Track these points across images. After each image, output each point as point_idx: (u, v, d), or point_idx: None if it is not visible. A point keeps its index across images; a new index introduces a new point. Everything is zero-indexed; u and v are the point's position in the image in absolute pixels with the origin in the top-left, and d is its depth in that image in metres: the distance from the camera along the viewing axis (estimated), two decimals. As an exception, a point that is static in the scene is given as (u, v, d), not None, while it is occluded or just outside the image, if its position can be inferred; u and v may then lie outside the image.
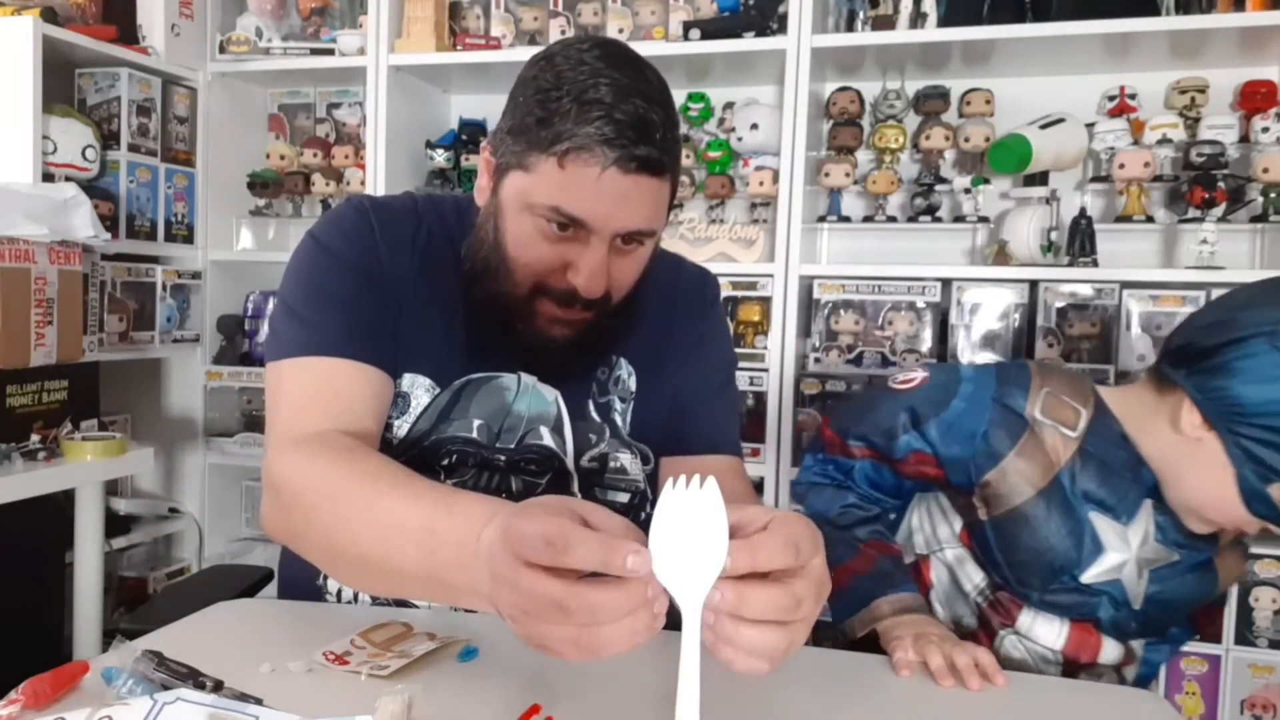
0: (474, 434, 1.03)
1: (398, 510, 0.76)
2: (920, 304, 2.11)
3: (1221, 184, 1.94)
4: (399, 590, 0.85)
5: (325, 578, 1.06)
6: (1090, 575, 1.06)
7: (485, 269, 0.99)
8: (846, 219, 2.23)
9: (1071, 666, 1.11)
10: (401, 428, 1.03)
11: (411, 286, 1.02)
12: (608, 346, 1.06)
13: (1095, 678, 1.12)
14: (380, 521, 0.77)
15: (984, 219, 2.15)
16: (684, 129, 2.35)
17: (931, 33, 2.03)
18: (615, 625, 0.58)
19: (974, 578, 1.15)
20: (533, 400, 1.05)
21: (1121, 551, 1.05)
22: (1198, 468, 1.00)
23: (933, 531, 1.20)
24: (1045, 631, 1.10)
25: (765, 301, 2.14)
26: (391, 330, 1.01)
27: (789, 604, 0.60)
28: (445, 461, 1.03)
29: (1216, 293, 1.92)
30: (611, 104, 0.88)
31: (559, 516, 0.60)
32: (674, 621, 0.60)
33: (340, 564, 0.85)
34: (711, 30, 2.14)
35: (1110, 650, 1.11)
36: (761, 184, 2.18)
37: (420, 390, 1.03)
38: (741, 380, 2.10)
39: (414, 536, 0.73)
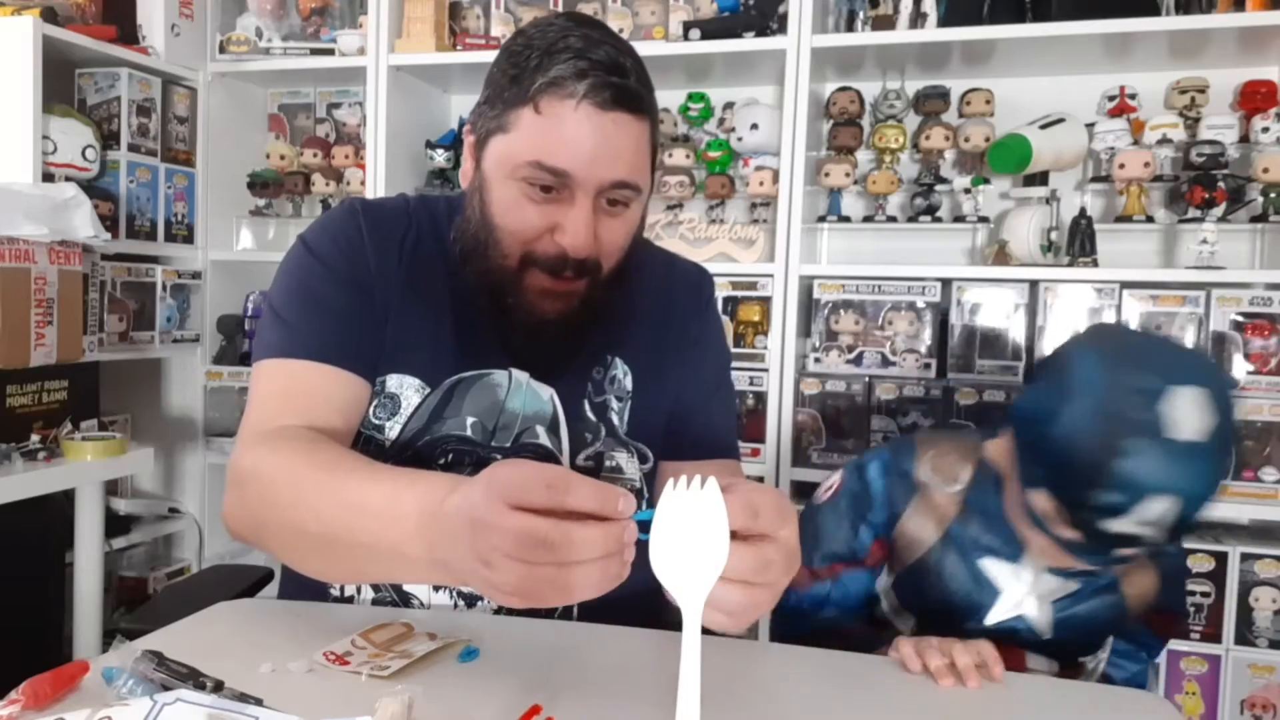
0: (468, 432, 1.03)
1: (361, 487, 0.78)
2: (920, 304, 2.11)
3: (1221, 184, 1.94)
4: (361, 569, 0.86)
5: None
6: (994, 617, 1.10)
7: (474, 247, 0.99)
8: (846, 219, 2.23)
9: None
10: (393, 429, 1.03)
11: (399, 287, 1.03)
12: (601, 334, 1.06)
13: None
14: (343, 498, 0.79)
15: (984, 219, 2.15)
16: (684, 129, 2.35)
17: (931, 33, 2.03)
18: (590, 565, 0.60)
19: (906, 625, 1.19)
20: (527, 399, 1.05)
21: (1017, 590, 1.09)
22: (1011, 482, 1.06)
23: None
24: None
25: (765, 301, 2.13)
26: (375, 336, 1.02)
27: (758, 565, 0.63)
28: (441, 461, 1.03)
29: (1216, 293, 1.93)
30: (582, 48, 0.90)
31: (547, 467, 0.63)
32: (674, 622, 0.61)
33: (302, 546, 0.86)
34: (711, 30, 2.13)
35: (1038, 664, 1.12)
36: (761, 184, 2.18)
37: (410, 390, 1.03)
38: (741, 380, 2.10)
39: (377, 508, 0.75)
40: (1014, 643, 1.11)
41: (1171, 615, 1.17)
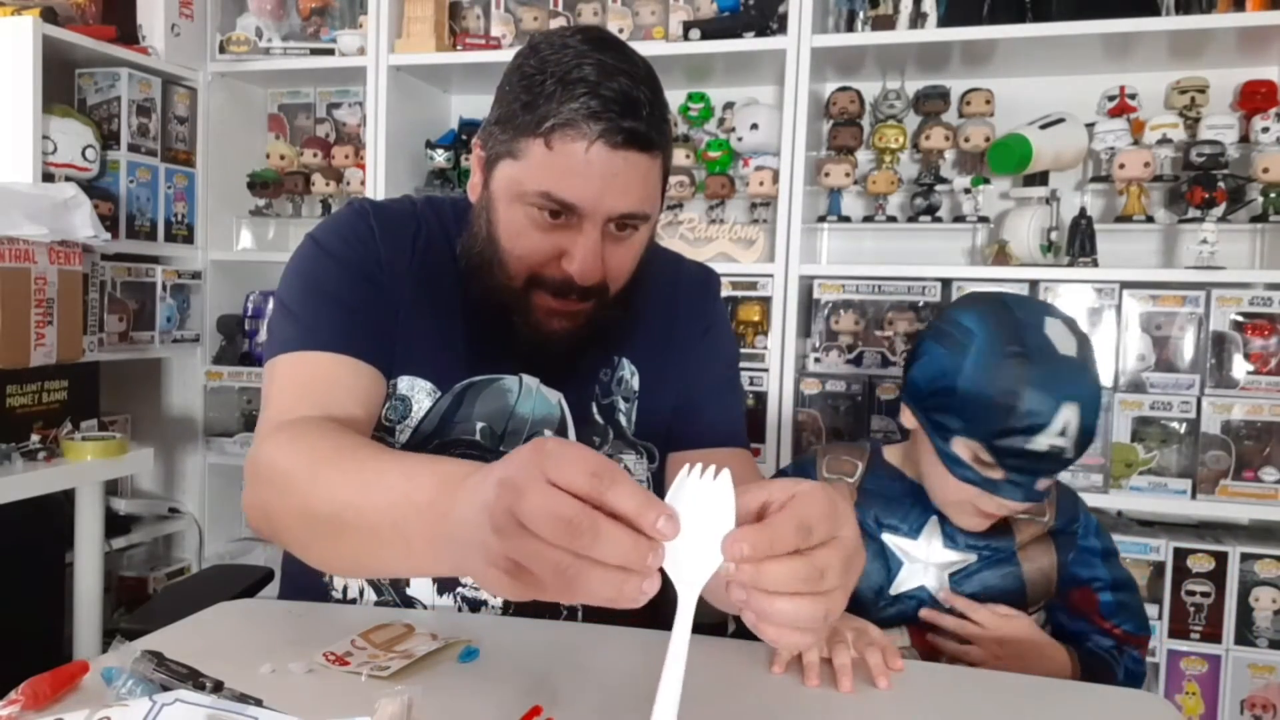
0: (477, 437, 1.03)
1: (378, 466, 0.75)
2: (920, 304, 2.11)
3: (1221, 184, 1.94)
4: (360, 559, 0.80)
5: (330, 574, 1.05)
6: (897, 587, 1.19)
7: (481, 263, 0.99)
8: (846, 219, 2.23)
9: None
10: (404, 433, 1.02)
11: (411, 289, 1.03)
12: (608, 342, 1.06)
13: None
14: (359, 478, 0.75)
15: (984, 219, 2.15)
16: (684, 129, 2.35)
17: (931, 33, 2.03)
18: (605, 571, 0.54)
19: None
20: (537, 404, 1.05)
21: (917, 561, 1.18)
22: (925, 459, 1.16)
23: None
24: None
25: (765, 301, 2.13)
26: (388, 331, 1.01)
27: (810, 574, 0.58)
28: (450, 465, 1.03)
29: (1216, 293, 1.93)
30: (596, 81, 0.88)
31: (598, 455, 0.58)
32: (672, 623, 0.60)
33: (308, 531, 0.82)
34: (711, 30, 2.13)
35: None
36: (761, 184, 2.18)
37: (421, 394, 1.03)
38: (741, 380, 2.10)
39: (392, 484, 0.71)
40: (925, 627, 1.17)
41: (1085, 590, 1.20)
